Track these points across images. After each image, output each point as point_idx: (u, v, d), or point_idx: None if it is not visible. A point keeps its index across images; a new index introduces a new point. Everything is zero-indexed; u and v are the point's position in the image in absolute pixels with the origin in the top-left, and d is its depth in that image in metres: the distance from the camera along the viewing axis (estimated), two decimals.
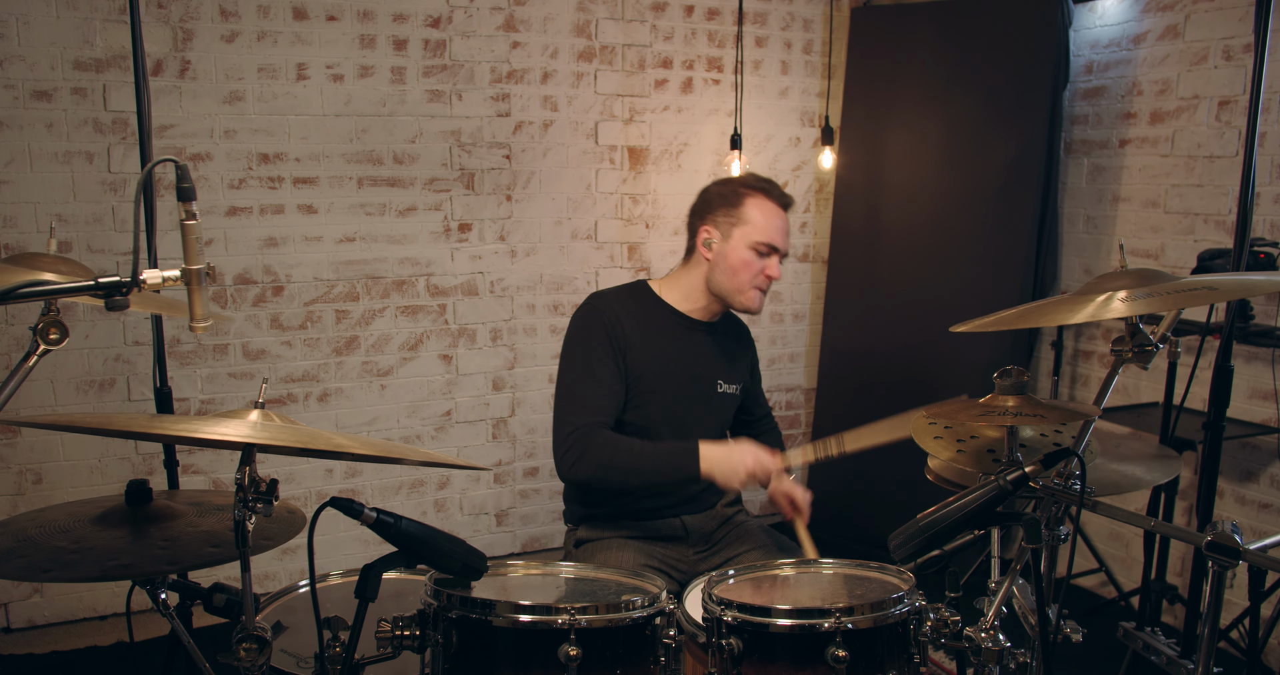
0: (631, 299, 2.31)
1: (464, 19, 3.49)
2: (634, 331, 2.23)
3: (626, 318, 2.24)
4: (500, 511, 3.83)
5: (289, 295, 3.39)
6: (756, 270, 2.23)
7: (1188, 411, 2.98)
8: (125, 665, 3.04)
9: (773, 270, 2.25)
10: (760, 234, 2.22)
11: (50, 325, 1.42)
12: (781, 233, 2.25)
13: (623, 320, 2.23)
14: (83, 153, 3.09)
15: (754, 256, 2.22)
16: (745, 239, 2.22)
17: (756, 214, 2.23)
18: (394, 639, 1.47)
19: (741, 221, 2.23)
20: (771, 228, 2.23)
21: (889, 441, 2.12)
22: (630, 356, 2.21)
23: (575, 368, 2.20)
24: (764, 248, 2.22)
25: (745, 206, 2.23)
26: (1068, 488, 1.63)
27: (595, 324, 2.21)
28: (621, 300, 2.29)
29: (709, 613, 1.53)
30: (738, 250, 2.22)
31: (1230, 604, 3.00)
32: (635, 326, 2.24)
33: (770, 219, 2.23)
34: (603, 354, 2.18)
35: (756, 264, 2.23)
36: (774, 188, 2.28)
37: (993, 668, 1.57)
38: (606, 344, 2.19)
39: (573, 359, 2.21)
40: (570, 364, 2.21)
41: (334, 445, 1.37)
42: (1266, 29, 2.15)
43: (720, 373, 2.36)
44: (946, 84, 3.72)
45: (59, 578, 1.38)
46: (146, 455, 3.28)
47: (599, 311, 2.23)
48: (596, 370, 2.17)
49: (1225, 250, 2.83)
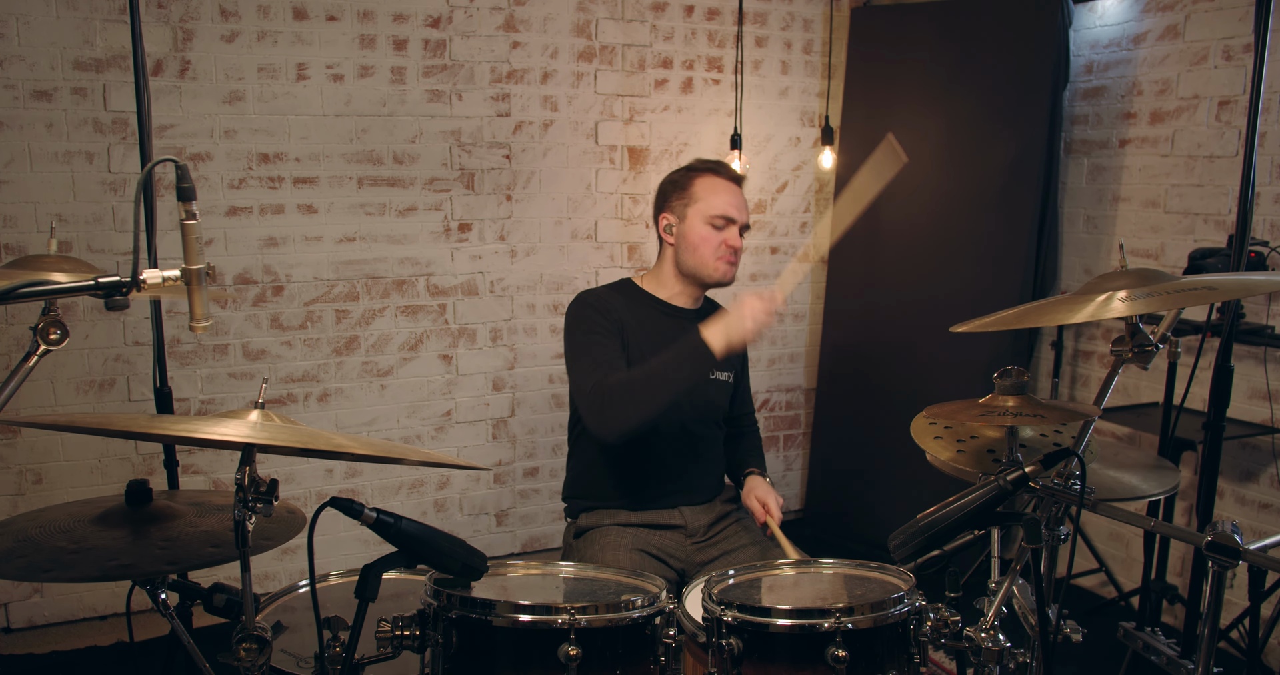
0: (619, 294, 2.39)
1: (464, 19, 3.49)
2: (626, 318, 2.31)
3: (617, 308, 2.32)
4: (500, 511, 3.83)
5: (289, 295, 3.39)
6: (717, 243, 2.30)
7: (1188, 411, 2.98)
8: (125, 665, 3.04)
9: (733, 240, 2.31)
10: (712, 208, 2.30)
11: (50, 325, 1.42)
12: (734, 205, 2.32)
13: (615, 309, 2.31)
14: (83, 153, 3.09)
15: (711, 231, 2.30)
16: (699, 215, 2.31)
17: (705, 191, 2.32)
18: (394, 639, 1.47)
19: (693, 201, 2.32)
20: (722, 201, 2.31)
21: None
22: (626, 340, 2.28)
23: (579, 343, 2.25)
24: (719, 220, 2.30)
25: (694, 187, 2.33)
26: (1068, 488, 1.63)
27: (589, 308, 2.29)
28: (610, 295, 2.37)
29: (709, 613, 1.53)
30: (695, 228, 2.31)
31: (1230, 604, 3.00)
32: (626, 315, 2.32)
33: (720, 193, 2.31)
34: (602, 328, 2.25)
35: (715, 237, 2.30)
36: (721, 166, 2.37)
37: (993, 668, 1.57)
38: (604, 320, 2.27)
39: (574, 337, 2.27)
40: (573, 342, 2.27)
41: (334, 445, 1.37)
42: (1266, 29, 2.16)
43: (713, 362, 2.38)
44: (946, 84, 3.72)
45: (59, 578, 1.38)
46: (146, 455, 3.28)
47: (591, 299, 2.32)
48: (599, 337, 2.24)
49: (1216, 249, 2.83)
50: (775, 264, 4.18)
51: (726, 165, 2.39)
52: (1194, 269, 2.80)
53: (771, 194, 4.12)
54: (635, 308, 2.36)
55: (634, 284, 2.43)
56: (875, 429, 3.92)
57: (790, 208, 4.18)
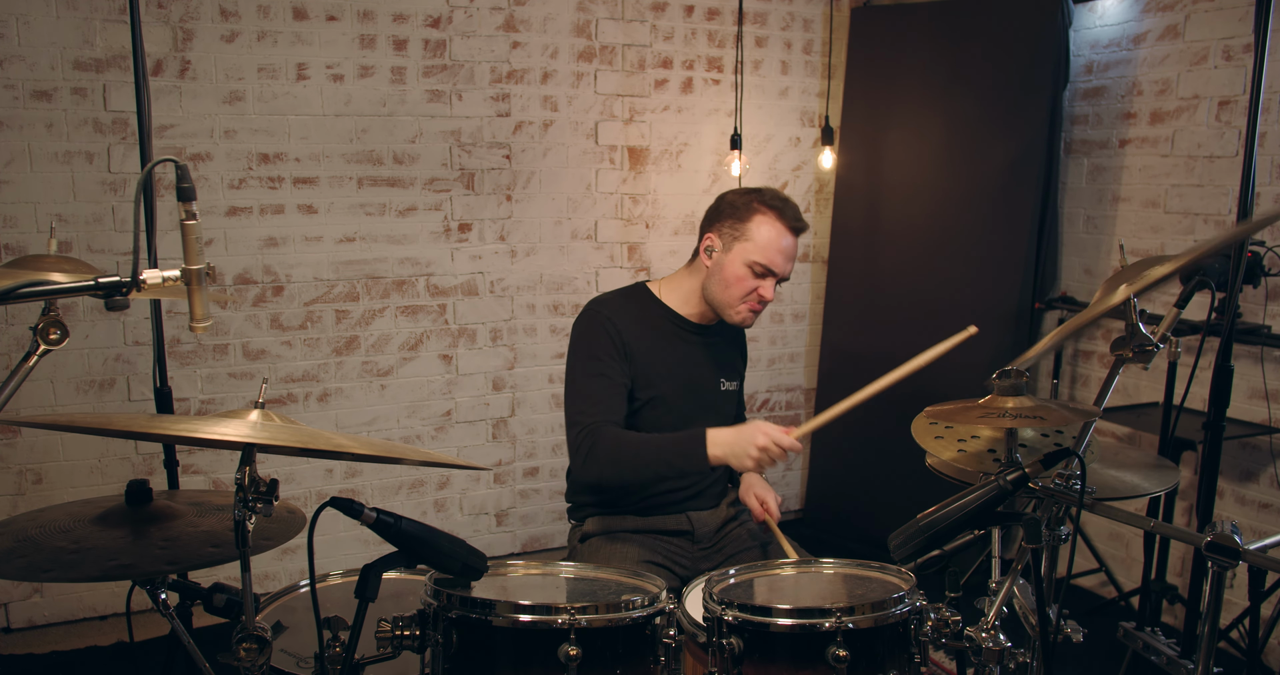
0: (633, 302, 2.31)
1: (464, 19, 3.49)
2: (636, 337, 2.23)
3: (628, 323, 2.23)
4: (500, 511, 3.83)
5: (289, 295, 3.39)
6: (749, 289, 2.20)
7: (1188, 411, 2.98)
8: (125, 665, 3.04)
9: (766, 291, 2.21)
10: (759, 253, 2.18)
11: (50, 325, 1.42)
12: (784, 255, 2.20)
13: (624, 327, 2.22)
14: (83, 153, 3.09)
15: (749, 274, 2.19)
16: (744, 255, 2.19)
17: (761, 232, 2.18)
18: (394, 639, 1.47)
19: (745, 237, 2.19)
20: (772, 249, 2.18)
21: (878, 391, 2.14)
22: (635, 361, 2.22)
23: (581, 369, 2.20)
24: (760, 268, 2.19)
25: (752, 222, 2.19)
26: (1068, 488, 1.63)
27: (598, 327, 2.21)
28: (623, 305, 2.28)
29: (709, 612, 1.53)
30: (734, 264, 2.20)
31: (1230, 604, 3.00)
32: (637, 332, 2.24)
33: (774, 240, 2.18)
34: (607, 356, 2.18)
35: (750, 282, 2.20)
36: (789, 209, 2.22)
37: (993, 668, 1.57)
38: (610, 346, 2.19)
39: (579, 361, 2.22)
40: (577, 366, 2.22)
41: (334, 445, 1.37)
42: (1266, 29, 2.16)
43: (722, 371, 2.39)
44: (946, 84, 3.72)
45: (59, 578, 1.38)
46: (146, 455, 3.28)
47: (602, 317, 2.23)
48: (603, 370, 2.18)
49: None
50: None
51: (795, 209, 2.23)
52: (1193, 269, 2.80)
53: None
54: (648, 318, 2.29)
55: (649, 291, 2.34)
56: (875, 429, 3.91)
57: None
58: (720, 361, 2.38)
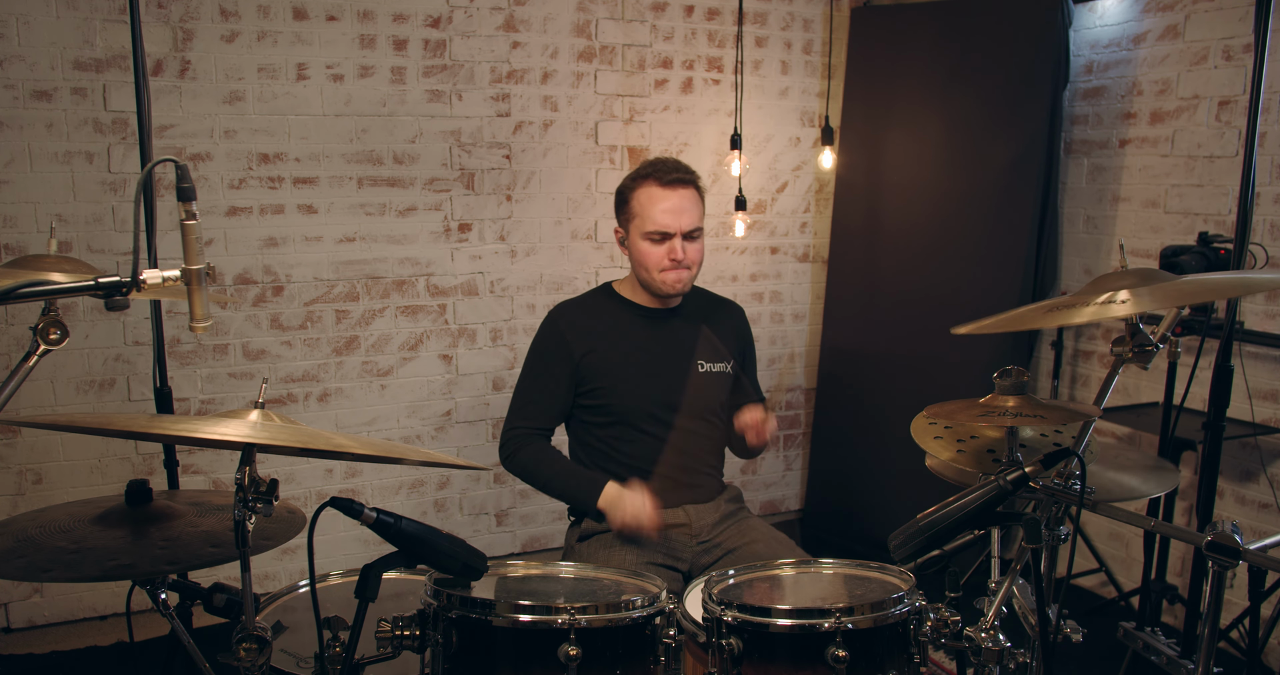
0: (593, 300, 2.43)
1: (464, 19, 3.49)
2: (590, 332, 2.34)
3: (586, 321, 2.36)
4: (500, 511, 3.83)
5: (289, 295, 3.39)
6: (659, 257, 2.27)
7: (1188, 411, 2.98)
8: (125, 665, 3.04)
9: (676, 253, 2.26)
10: (647, 223, 2.27)
11: (50, 325, 1.42)
12: (669, 214, 2.25)
13: (580, 326, 2.35)
14: (83, 153, 3.09)
15: (650, 245, 2.27)
16: (639, 230, 2.29)
17: (641, 203, 2.28)
18: (394, 639, 1.47)
19: (632, 214, 2.30)
20: (655, 211, 2.25)
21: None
22: (592, 358, 2.32)
23: (528, 373, 2.38)
24: (655, 235, 2.26)
25: (633, 199, 2.29)
26: (1068, 488, 1.63)
27: (549, 334, 2.36)
28: (581, 304, 2.42)
29: (709, 613, 1.53)
30: (637, 243, 2.30)
31: (1230, 604, 3.00)
32: (592, 327, 2.34)
33: (654, 203, 2.26)
34: (556, 365, 2.33)
35: (657, 251, 2.27)
36: (662, 168, 2.29)
37: (993, 668, 1.57)
38: (555, 352, 2.33)
39: (528, 365, 2.39)
40: (528, 370, 2.38)
41: (334, 445, 1.37)
42: (1266, 29, 2.16)
43: (699, 353, 2.39)
44: (946, 84, 3.72)
45: (59, 578, 1.38)
46: (146, 455, 3.28)
47: (556, 323, 2.37)
48: (546, 381, 2.34)
49: (1188, 247, 2.82)
50: (775, 264, 4.18)
51: (668, 166, 2.29)
52: (1167, 266, 2.79)
53: (771, 194, 4.12)
54: (610, 317, 2.38)
55: (614, 290, 2.44)
56: (875, 429, 3.92)
57: (790, 208, 4.18)
58: (691, 343, 2.39)
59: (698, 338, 2.39)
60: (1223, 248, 2.76)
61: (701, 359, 2.39)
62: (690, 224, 2.28)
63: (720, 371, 2.41)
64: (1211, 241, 2.80)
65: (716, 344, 2.42)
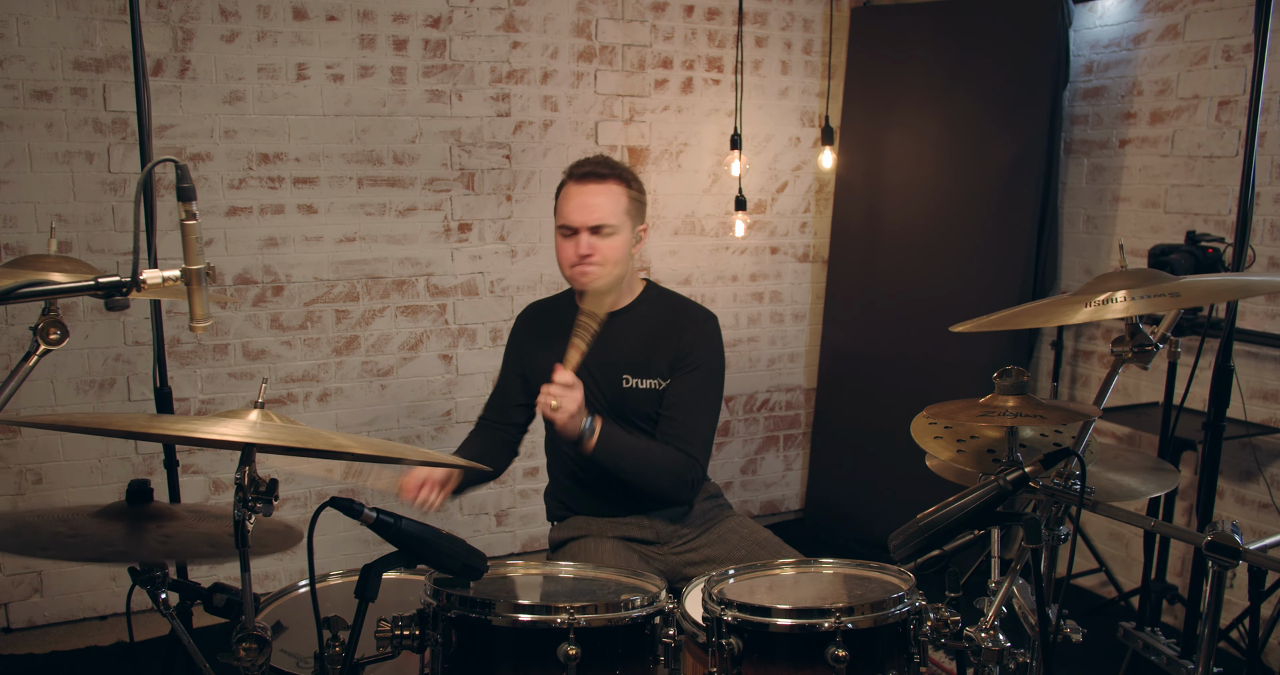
0: (557, 303, 2.46)
1: (464, 19, 3.49)
2: (546, 337, 2.32)
3: (545, 324, 2.39)
4: (500, 511, 3.83)
5: (289, 295, 3.39)
6: (569, 252, 2.23)
7: (1188, 411, 2.98)
8: (125, 665, 3.04)
9: (581, 248, 2.19)
10: (558, 218, 2.26)
11: (50, 325, 1.42)
12: (578, 209, 2.19)
13: (534, 328, 2.42)
14: (83, 153, 3.09)
15: (561, 240, 2.26)
16: (556, 227, 2.28)
17: (560, 200, 2.27)
18: (394, 639, 1.47)
19: (556, 214, 2.28)
20: (566, 208, 2.23)
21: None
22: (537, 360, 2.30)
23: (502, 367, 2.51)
24: (565, 230, 2.24)
25: (558, 199, 2.28)
26: (1068, 488, 1.63)
27: (513, 336, 2.48)
28: (546, 308, 2.46)
29: (709, 612, 1.53)
30: (556, 240, 2.29)
31: (1230, 604, 3.00)
32: (550, 331, 2.33)
33: (568, 200, 2.23)
34: (508, 364, 2.46)
35: (565, 247, 2.24)
36: (581, 163, 2.26)
37: (993, 668, 1.57)
38: (511, 353, 2.45)
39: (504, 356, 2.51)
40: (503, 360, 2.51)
41: (334, 445, 1.37)
42: (1266, 29, 2.16)
43: (626, 367, 2.28)
44: (946, 84, 3.72)
45: (56, 556, 1.38)
46: (146, 455, 3.28)
47: (518, 324, 2.49)
48: (504, 375, 2.47)
49: (1175, 246, 2.81)
50: (775, 264, 4.18)
51: (588, 162, 2.25)
52: (1156, 265, 2.78)
53: (771, 194, 4.12)
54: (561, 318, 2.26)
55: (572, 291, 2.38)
56: (875, 429, 3.92)
57: (790, 208, 4.18)
58: (627, 355, 2.28)
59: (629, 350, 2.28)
60: (1210, 246, 2.75)
61: (627, 374, 2.28)
62: (597, 219, 2.18)
63: (646, 389, 2.27)
64: (1199, 240, 2.79)
65: (652, 360, 2.28)
